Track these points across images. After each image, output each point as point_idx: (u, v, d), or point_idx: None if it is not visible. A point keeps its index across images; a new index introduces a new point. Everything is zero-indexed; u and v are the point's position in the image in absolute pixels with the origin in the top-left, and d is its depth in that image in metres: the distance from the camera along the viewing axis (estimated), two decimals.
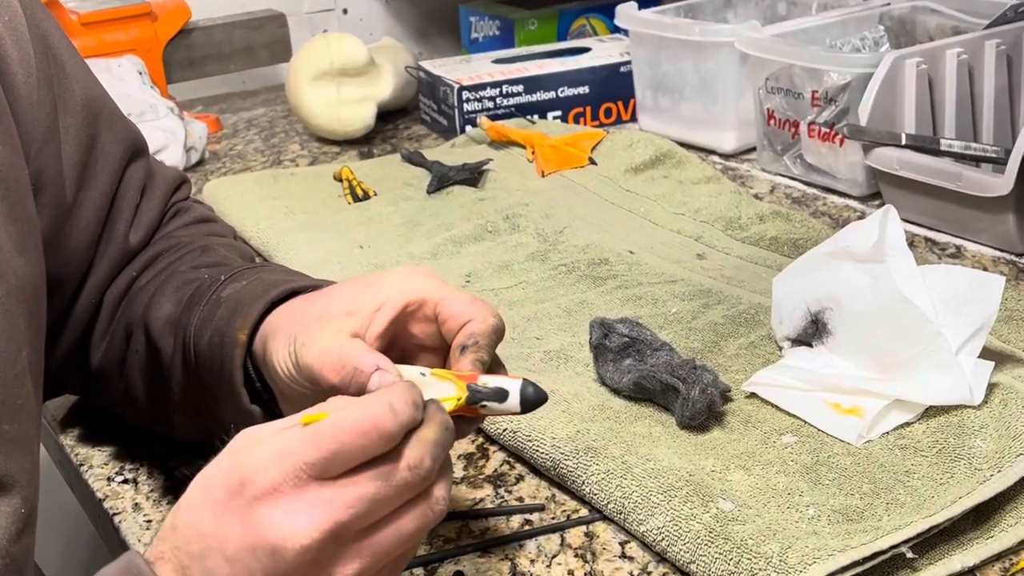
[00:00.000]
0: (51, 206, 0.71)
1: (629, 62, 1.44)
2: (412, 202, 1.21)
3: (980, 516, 0.69)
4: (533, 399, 0.60)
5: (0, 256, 0.60)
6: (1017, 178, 1.00)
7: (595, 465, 0.73)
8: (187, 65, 1.57)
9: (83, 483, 0.82)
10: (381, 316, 0.64)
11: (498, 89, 1.42)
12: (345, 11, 1.86)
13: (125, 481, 0.81)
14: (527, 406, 0.60)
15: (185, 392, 0.73)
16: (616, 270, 1.03)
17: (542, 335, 0.92)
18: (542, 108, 1.43)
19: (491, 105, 1.42)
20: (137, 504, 0.78)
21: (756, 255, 1.04)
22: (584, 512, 0.74)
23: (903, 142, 1.10)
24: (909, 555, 0.65)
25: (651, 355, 0.81)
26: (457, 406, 0.59)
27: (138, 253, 0.80)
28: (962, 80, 1.16)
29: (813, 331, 0.84)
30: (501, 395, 0.60)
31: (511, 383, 0.60)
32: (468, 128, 1.40)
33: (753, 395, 0.81)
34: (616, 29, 1.55)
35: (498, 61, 1.49)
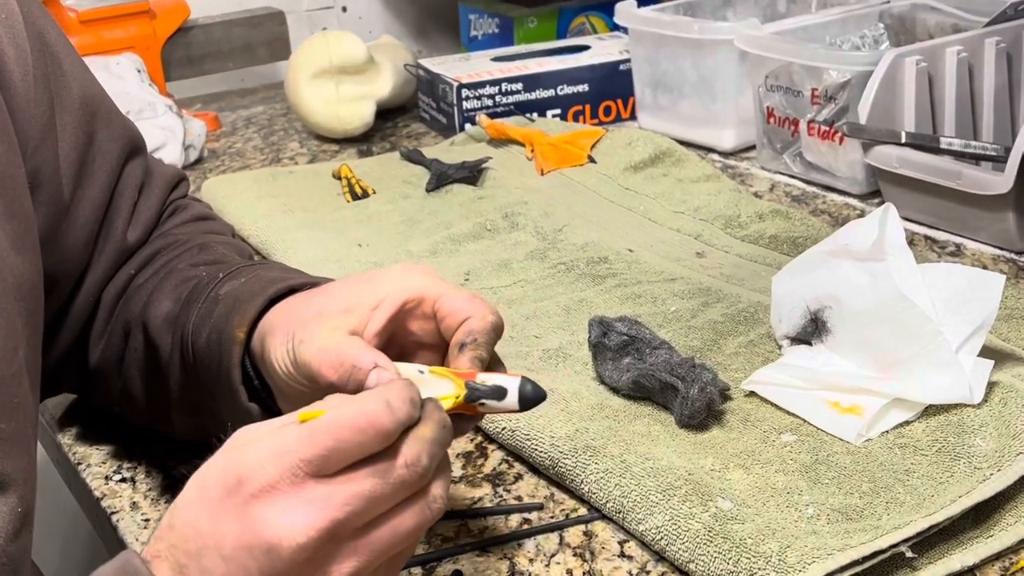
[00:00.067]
0: (48, 204, 0.71)
1: (628, 60, 1.44)
2: (411, 200, 1.21)
3: (980, 515, 0.69)
4: (532, 397, 0.60)
5: None
6: (1017, 176, 1.00)
7: (594, 464, 0.73)
8: (186, 63, 1.57)
9: (81, 482, 0.82)
10: (379, 313, 0.64)
11: (497, 87, 1.41)
12: (344, 9, 1.86)
13: (123, 480, 0.81)
14: (526, 404, 0.60)
15: (183, 390, 0.72)
16: (615, 268, 1.02)
17: (541, 333, 0.92)
18: (541, 106, 1.43)
19: (490, 103, 1.42)
20: (135, 503, 0.78)
21: (755, 253, 1.04)
22: (583, 511, 0.74)
23: (903, 140, 1.09)
24: (909, 554, 0.65)
25: (650, 353, 0.81)
26: (455, 404, 0.59)
27: (136, 251, 0.80)
28: (962, 78, 1.16)
29: (812, 329, 0.84)
30: (500, 393, 0.59)
31: (510, 381, 0.60)
32: (467, 126, 1.40)
33: (752, 394, 0.81)
34: (615, 27, 1.55)
35: (497, 59, 1.49)
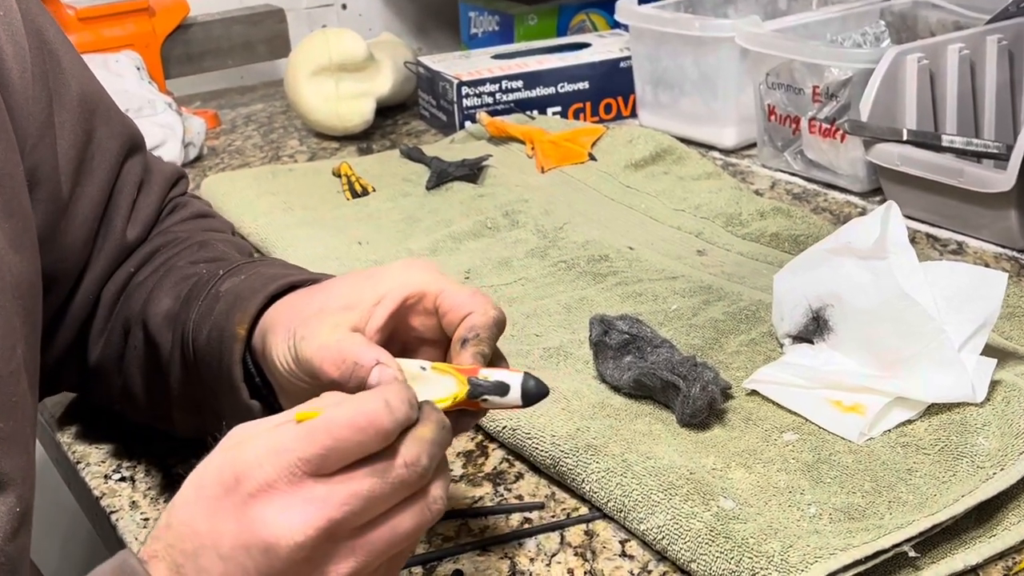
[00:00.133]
0: (47, 202, 0.71)
1: (629, 57, 1.44)
2: (411, 198, 1.21)
3: (983, 514, 0.69)
4: (534, 392, 0.59)
5: None
6: (1019, 174, 0.99)
7: (595, 463, 0.73)
8: (185, 60, 1.57)
9: (80, 481, 0.82)
10: (381, 310, 0.64)
11: (497, 85, 1.41)
12: (344, 6, 1.86)
13: (123, 479, 0.81)
14: (528, 400, 0.60)
15: (184, 388, 0.72)
16: (616, 266, 1.02)
17: (542, 332, 0.92)
18: (542, 104, 1.43)
19: (490, 101, 1.41)
20: (135, 502, 0.78)
21: (757, 251, 1.04)
22: (584, 510, 0.74)
23: (904, 138, 1.09)
24: (912, 554, 0.64)
25: (651, 352, 0.80)
26: (458, 400, 0.59)
27: (135, 249, 0.80)
28: (963, 76, 1.16)
29: (814, 328, 0.83)
30: (502, 389, 0.59)
31: (512, 377, 0.59)
32: (467, 124, 1.40)
33: (754, 392, 0.80)
34: (616, 24, 1.54)
35: (497, 57, 1.49)
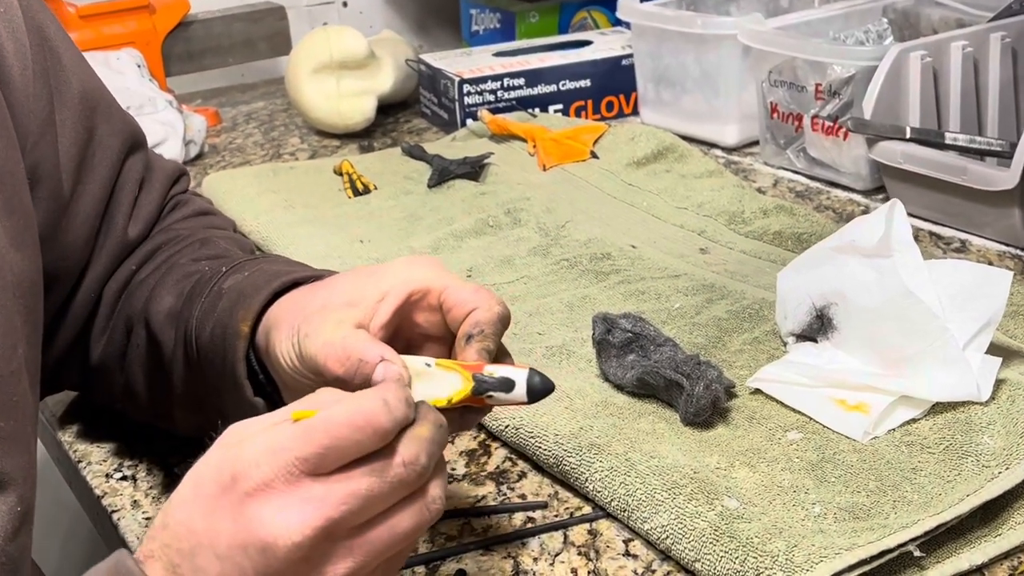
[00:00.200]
0: (48, 200, 0.71)
1: (631, 55, 1.44)
2: (413, 196, 1.20)
3: (988, 514, 0.68)
4: (540, 388, 0.59)
5: None
6: (1023, 172, 0.99)
7: (598, 462, 0.73)
8: (186, 58, 1.56)
9: (81, 480, 0.82)
10: (385, 306, 0.63)
11: (499, 82, 1.41)
12: (345, 4, 1.85)
13: (124, 478, 0.80)
14: (534, 396, 0.59)
15: (187, 386, 0.72)
16: (618, 265, 1.02)
17: (544, 330, 0.91)
18: (543, 101, 1.43)
19: (492, 98, 1.41)
20: (136, 501, 0.78)
21: (760, 249, 1.04)
22: (587, 510, 0.73)
23: (907, 136, 1.09)
24: (917, 553, 0.64)
25: (654, 351, 0.80)
26: (463, 397, 0.58)
27: (137, 246, 0.79)
28: (967, 73, 1.15)
29: (818, 326, 0.83)
30: (507, 385, 0.59)
31: (517, 373, 0.59)
32: (469, 122, 1.40)
33: (757, 391, 0.80)
34: (618, 22, 1.54)
35: (499, 54, 1.48)
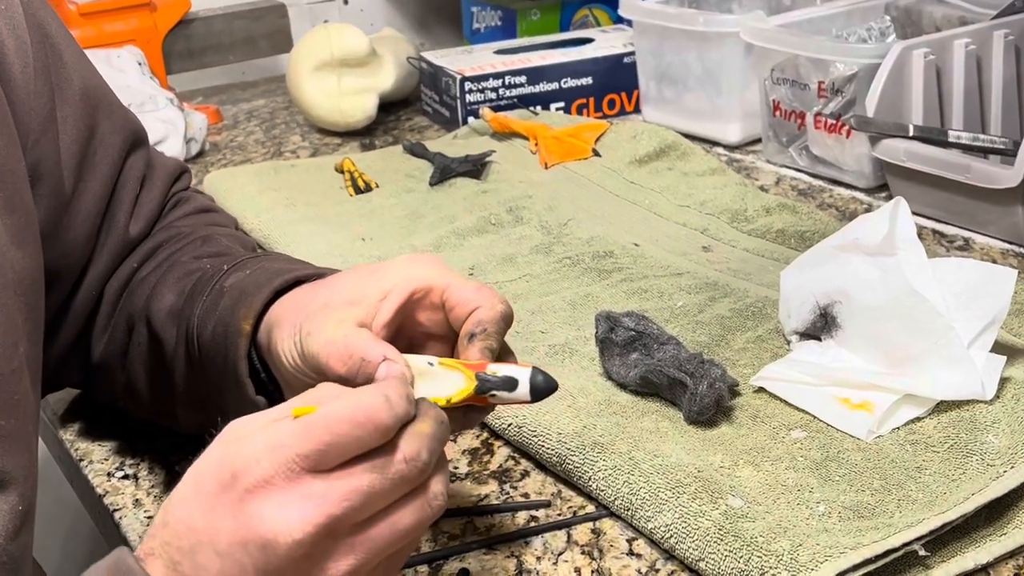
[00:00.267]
0: (49, 197, 0.70)
1: (633, 53, 1.43)
2: (414, 194, 1.20)
3: (993, 512, 0.68)
4: (543, 387, 0.59)
5: None
6: None
7: (602, 461, 0.72)
8: (187, 56, 1.56)
9: (83, 478, 0.81)
10: (387, 305, 0.63)
11: (500, 80, 1.41)
12: (346, 1, 1.85)
13: (125, 476, 0.80)
14: (537, 394, 0.59)
15: (188, 384, 0.72)
16: (621, 263, 1.02)
17: (547, 329, 0.91)
18: (545, 99, 1.42)
19: (493, 96, 1.41)
20: (138, 500, 0.78)
21: (763, 248, 1.03)
22: (591, 508, 0.73)
23: (910, 133, 1.09)
24: (922, 552, 0.64)
25: (658, 349, 0.80)
26: (466, 396, 0.58)
27: (138, 244, 0.79)
28: (970, 71, 1.15)
29: (822, 325, 0.83)
30: (511, 384, 0.59)
31: (521, 371, 0.59)
32: (470, 119, 1.39)
33: (761, 390, 0.80)
34: (619, 19, 1.54)
35: (500, 52, 1.48)
